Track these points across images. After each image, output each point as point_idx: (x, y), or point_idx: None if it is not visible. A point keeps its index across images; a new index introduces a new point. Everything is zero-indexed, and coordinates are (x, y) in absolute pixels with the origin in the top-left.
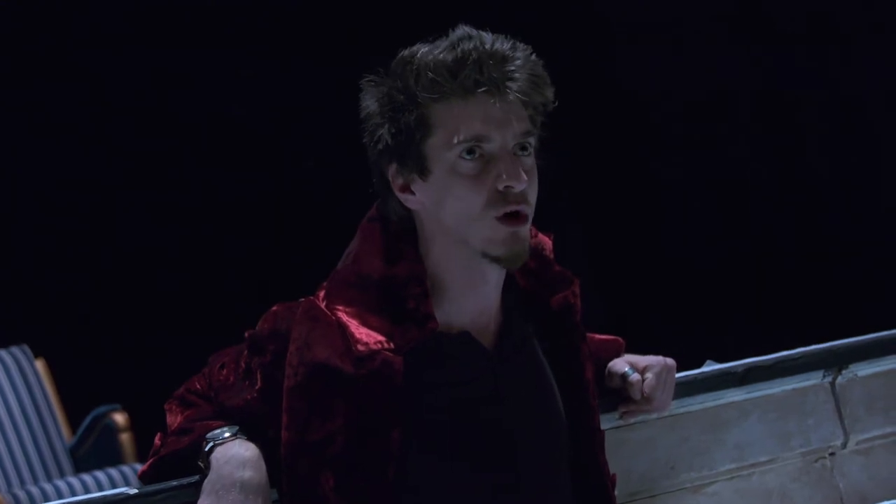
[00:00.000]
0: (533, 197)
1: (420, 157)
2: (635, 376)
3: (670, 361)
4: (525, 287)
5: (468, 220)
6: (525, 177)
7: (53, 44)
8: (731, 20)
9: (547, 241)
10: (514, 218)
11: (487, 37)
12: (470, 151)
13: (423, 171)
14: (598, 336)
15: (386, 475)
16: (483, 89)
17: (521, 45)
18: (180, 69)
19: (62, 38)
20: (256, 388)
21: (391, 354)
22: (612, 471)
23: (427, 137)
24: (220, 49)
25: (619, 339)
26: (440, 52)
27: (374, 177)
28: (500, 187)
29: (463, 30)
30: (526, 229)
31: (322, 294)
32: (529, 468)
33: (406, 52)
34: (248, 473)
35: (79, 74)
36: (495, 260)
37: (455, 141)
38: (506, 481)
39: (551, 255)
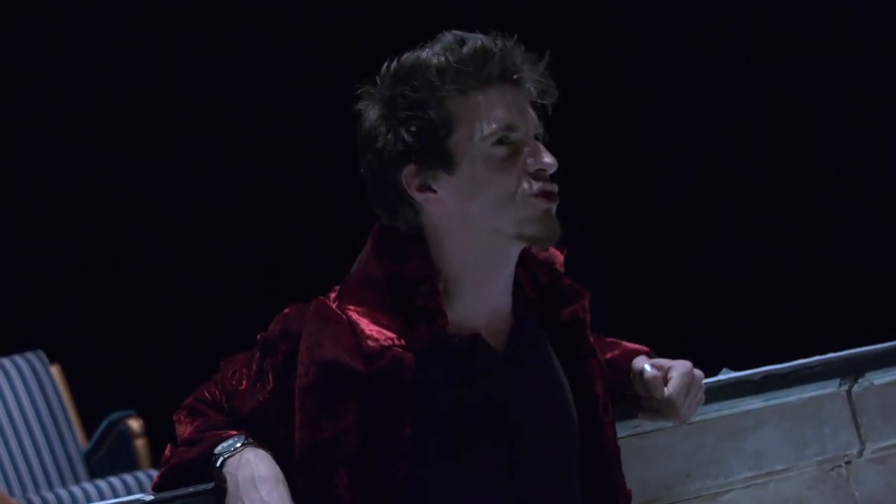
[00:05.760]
0: None
1: (445, 153)
2: (653, 372)
3: (698, 372)
4: (535, 299)
5: (506, 204)
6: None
7: (53, 43)
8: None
9: (558, 255)
10: (549, 195)
11: (482, 37)
12: (500, 141)
13: (449, 167)
14: (627, 344)
15: (397, 472)
16: (515, 76)
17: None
18: (180, 69)
19: (62, 38)
20: (268, 388)
21: (401, 351)
22: (628, 483)
23: (451, 133)
24: (220, 48)
25: (647, 348)
26: (448, 52)
27: (378, 189)
28: (533, 169)
29: (451, 34)
30: (555, 209)
31: (334, 295)
32: (536, 470)
33: (405, 58)
34: (264, 472)
35: (80, 74)
36: (531, 239)
37: (485, 132)
38: (512, 481)
39: (562, 269)
